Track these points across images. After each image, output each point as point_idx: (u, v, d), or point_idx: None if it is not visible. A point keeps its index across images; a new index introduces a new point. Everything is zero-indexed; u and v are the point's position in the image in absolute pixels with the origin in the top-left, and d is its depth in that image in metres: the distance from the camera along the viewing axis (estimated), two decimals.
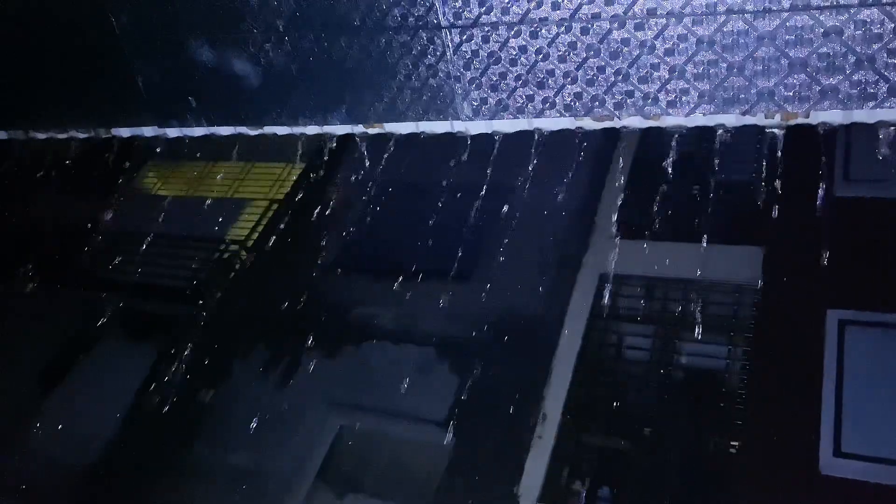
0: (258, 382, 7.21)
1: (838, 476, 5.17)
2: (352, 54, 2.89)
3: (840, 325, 5.76)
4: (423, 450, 6.67)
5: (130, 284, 8.34)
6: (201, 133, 3.47)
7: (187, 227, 8.63)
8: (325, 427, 6.89)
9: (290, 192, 9.01)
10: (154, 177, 9.90)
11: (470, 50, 2.69)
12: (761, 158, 6.82)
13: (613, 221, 7.25)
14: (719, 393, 5.99)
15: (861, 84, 2.30)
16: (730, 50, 2.38)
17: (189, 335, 7.60)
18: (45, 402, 7.79)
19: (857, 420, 5.32)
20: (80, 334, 8.28)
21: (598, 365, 6.51)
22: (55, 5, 3.40)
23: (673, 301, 6.61)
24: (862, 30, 2.23)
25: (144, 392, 7.46)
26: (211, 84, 3.25)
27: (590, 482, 5.92)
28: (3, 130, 3.95)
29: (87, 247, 9.07)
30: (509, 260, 7.11)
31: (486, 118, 2.81)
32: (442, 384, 6.75)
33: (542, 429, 6.14)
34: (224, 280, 8.20)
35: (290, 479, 6.61)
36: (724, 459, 5.63)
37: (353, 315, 7.52)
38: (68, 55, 3.52)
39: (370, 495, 6.60)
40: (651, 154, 7.37)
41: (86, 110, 3.67)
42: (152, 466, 6.88)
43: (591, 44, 2.53)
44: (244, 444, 6.89)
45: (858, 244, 5.89)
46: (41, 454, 7.29)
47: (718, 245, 6.38)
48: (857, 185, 6.39)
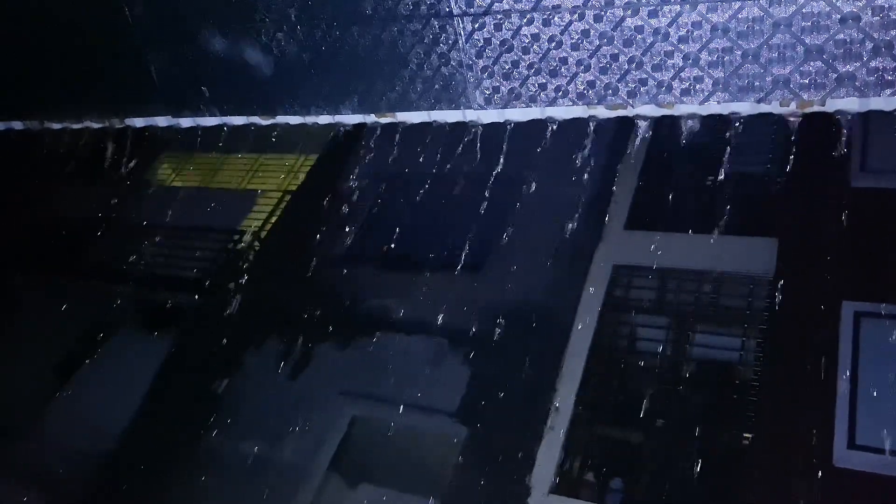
0: (271, 372, 7.25)
1: (852, 468, 5.14)
2: (363, 43, 2.88)
3: (856, 316, 5.72)
4: (434, 440, 6.69)
5: (141, 275, 8.39)
6: (214, 123, 3.48)
7: (200, 217, 8.68)
8: (338, 417, 6.93)
9: (302, 182, 9.02)
10: (167, 167, 9.95)
11: (482, 38, 2.68)
12: (776, 147, 6.75)
13: (626, 212, 7.21)
14: (732, 385, 5.96)
15: (878, 71, 2.27)
16: (745, 37, 2.36)
17: (201, 325, 7.65)
18: (58, 392, 7.87)
19: (871, 412, 5.29)
20: (91, 325, 8.34)
21: (610, 356, 6.49)
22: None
23: (686, 292, 6.58)
24: (879, 16, 2.20)
25: (157, 382, 7.53)
26: (224, 74, 3.26)
27: (602, 474, 5.92)
28: (19, 120, 3.99)
29: (98, 237, 9.13)
30: (521, 250, 7.09)
31: (498, 107, 2.80)
32: (454, 375, 6.76)
33: (554, 420, 6.14)
34: (237, 271, 8.23)
35: (303, 469, 6.65)
36: (737, 451, 5.61)
37: (365, 305, 7.54)
38: (83, 46, 3.54)
39: (382, 485, 6.63)
40: (664, 143, 7.31)
41: (100, 100, 3.69)
42: (165, 456, 6.94)
43: (604, 31, 2.52)
44: (256, 433, 6.94)
45: (875, 235, 5.83)
46: (55, 443, 7.38)
47: (732, 236, 6.34)
48: (874, 176, 6.31)
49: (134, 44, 3.36)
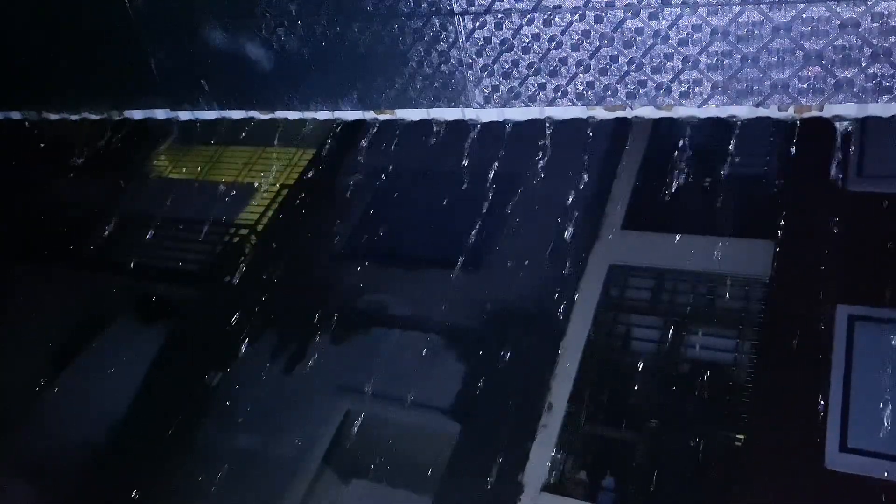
0: (266, 366, 7.25)
1: (844, 471, 5.16)
2: (364, 40, 2.88)
3: (850, 320, 5.74)
4: (428, 436, 6.71)
5: (139, 267, 8.39)
6: (213, 116, 3.47)
7: (197, 210, 8.67)
8: (332, 412, 6.94)
9: (300, 177, 9.02)
10: (165, 160, 9.94)
11: (482, 37, 2.68)
12: (774, 151, 6.77)
13: (623, 212, 7.22)
14: (726, 386, 5.98)
15: (877, 77, 2.27)
16: (744, 41, 2.36)
17: (197, 318, 7.65)
18: (55, 383, 7.86)
19: (863, 416, 5.31)
20: (88, 316, 8.34)
21: (604, 355, 6.51)
22: None
23: (681, 293, 6.60)
24: (878, 22, 2.21)
25: (152, 374, 7.53)
26: (223, 67, 3.25)
27: (594, 472, 5.94)
28: (17, 111, 3.97)
29: (96, 229, 9.12)
30: (518, 249, 7.10)
31: (497, 106, 2.80)
32: (449, 372, 6.77)
33: (547, 418, 6.16)
34: (234, 264, 8.23)
35: (297, 463, 6.66)
36: (730, 452, 5.63)
37: (361, 301, 7.55)
38: (81, 37, 3.52)
39: (375, 480, 6.64)
40: (662, 145, 7.33)
41: (98, 92, 3.67)
42: (160, 448, 6.95)
43: (604, 33, 2.52)
44: (251, 427, 6.94)
45: (870, 240, 5.85)
46: (52, 434, 7.37)
47: (729, 238, 6.36)
48: (871, 181, 6.33)
49: (133, 36, 3.35)
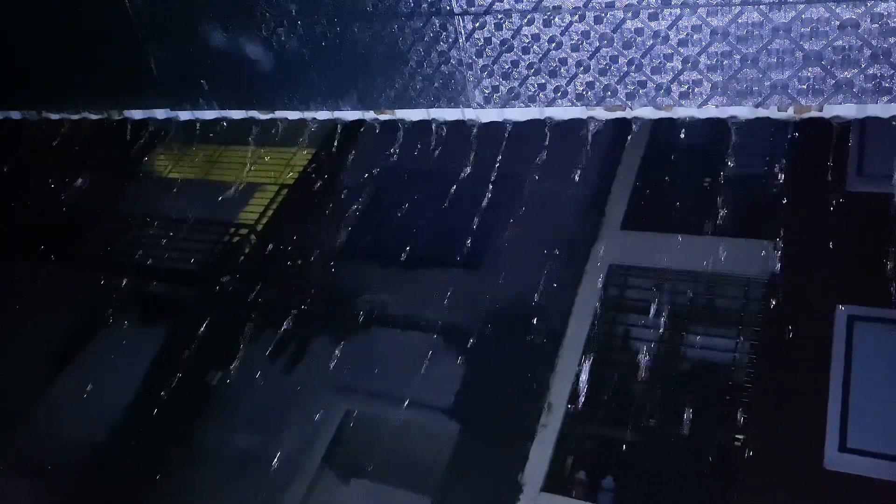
0: (265, 366, 7.25)
1: (843, 472, 5.16)
2: (364, 40, 2.88)
3: (849, 320, 5.74)
4: (427, 436, 6.71)
5: (139, 266, 8.39)
6: (213, 116, 3.48)
7: (197, 210, 8.67)
8: (331, 412, 6.94)
9: (299, 176, 9.02)
10: (165, 159, 9.93)
11: (482, 37, 2.68)
12: (773, 151, 6.77)
13: (622, 212, 7.22)
14: (725, 386, 5.98)
15: (876, 78, 2.28)
16: (744, 41, 2.37)
17: (196, 318, 7.64)
18: (54, 383, 7.86)
19: (863, 416, 5.31)
20: (87, 316, 8.33)
21: (604, 355, 6.51)
22: None
23: (681, 293, 6.59)
24: (878, 23, 2.21)
25: (151, 374, 7.52)
26: (223, 67, 3.26)
27: (593, 472, 5.94)
28: (17, 110, 3.97)
29: (96, 228, 9.12)
30: (517, 249, 7.10)
31: (497, 106, 2.80)
32: (448, 371, 6.77)
33: (546, 418, 6.16)
34: (233, 264, 8.23)
35: (296, 463, 6.65)
36: (729, 453, 5.63)
37: (360, 301, 7.54)
38: (82, 36, 3.52)
39: (374, 480, 6.64)
40: (662, 145, 7.33)
41: (98, 92, 3.68)
42: (159, 448, 6.94)
43: (604, 33, 2.52)
44: (250, 427, 6.94)
45: (870, 240, 5.85)
46: (51, 434, 7.37)
47: (728, 238, 6.36)
48: (870, 181, 6.33)
49: (133, 36, 3.35)
